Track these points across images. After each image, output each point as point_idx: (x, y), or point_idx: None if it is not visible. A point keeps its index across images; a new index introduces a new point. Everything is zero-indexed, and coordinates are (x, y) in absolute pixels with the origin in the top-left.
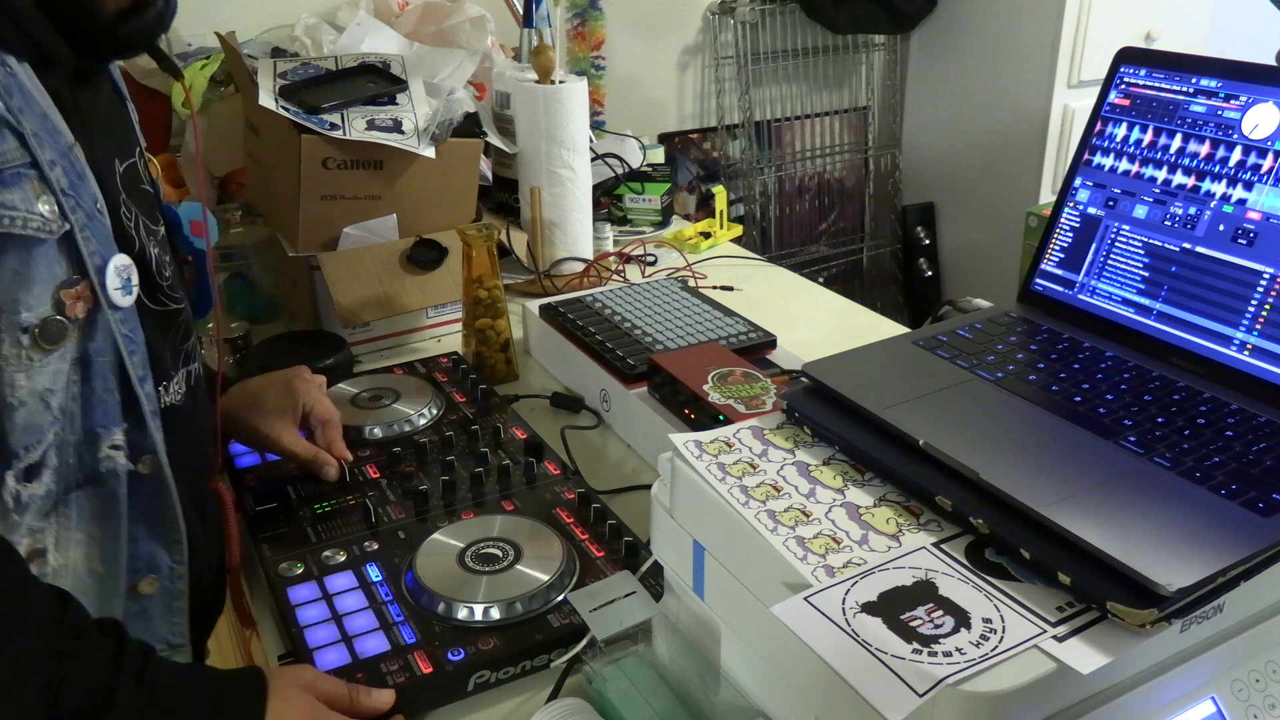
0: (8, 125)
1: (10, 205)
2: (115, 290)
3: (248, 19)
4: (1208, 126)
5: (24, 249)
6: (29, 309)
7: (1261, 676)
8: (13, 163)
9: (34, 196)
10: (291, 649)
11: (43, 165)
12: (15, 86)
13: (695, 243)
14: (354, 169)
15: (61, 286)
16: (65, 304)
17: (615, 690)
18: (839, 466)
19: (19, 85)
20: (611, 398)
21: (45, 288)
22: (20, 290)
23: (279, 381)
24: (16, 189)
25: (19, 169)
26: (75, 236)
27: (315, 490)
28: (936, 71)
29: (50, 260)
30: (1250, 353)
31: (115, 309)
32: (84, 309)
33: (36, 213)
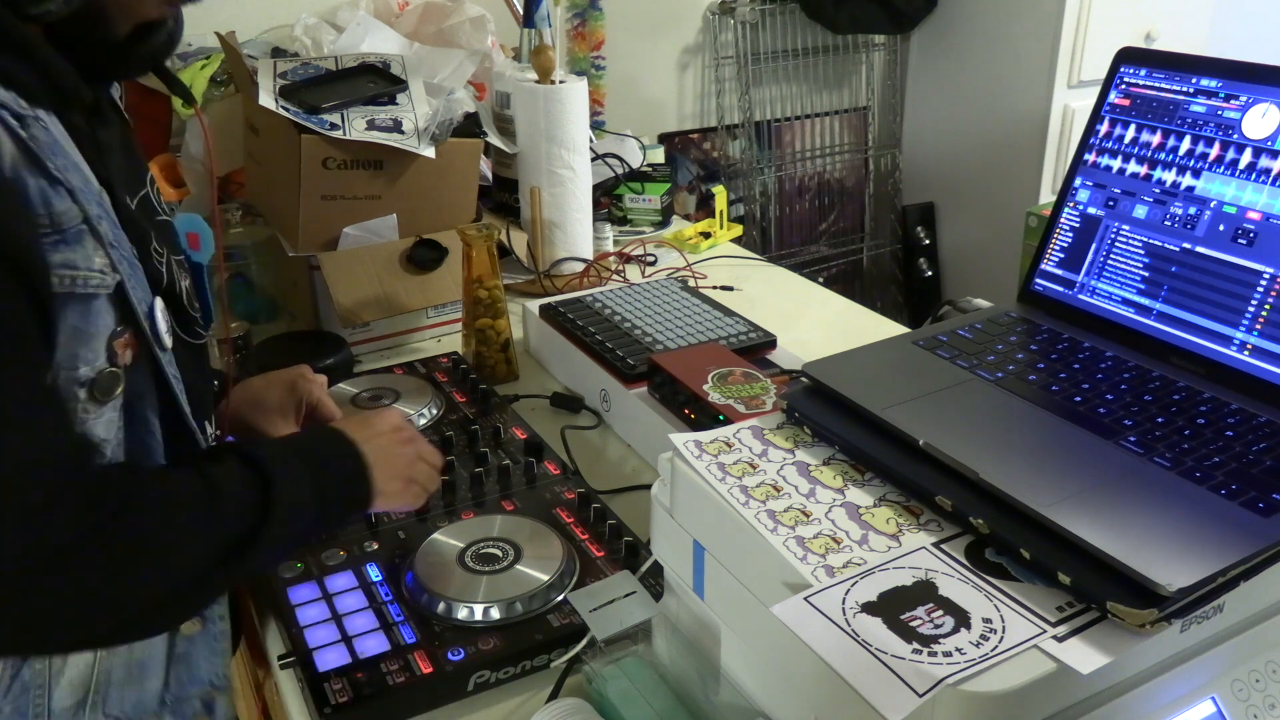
0: (60, 183)
1: (74, 264)
2: (164, 334)
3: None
4: (1208, 126)
5: (84, 306)
6: (87, 364)
7: (1261, 676)
8: (73, 222)
9: (93, 252)
10: (291, 649)
11: (92, 220)
12: (53, 141)
13: (695, 243)
14: (354, 169)
15: (113, 337)
16: (117, 354)
17: (615, 690)
18: (839, 466)
19: (53, 139)
20: (611, 398)
21: (100, 341)
22: (79, 347)
23: (281, 381)
24: (79, 248)
25: (77, 227)
26: (125, 286)
27: None
28: (936, 71)
29: (104, 313)
30: (1250, 353)
31: (164, 351)
32: (131, 356)
33: (95, 269)
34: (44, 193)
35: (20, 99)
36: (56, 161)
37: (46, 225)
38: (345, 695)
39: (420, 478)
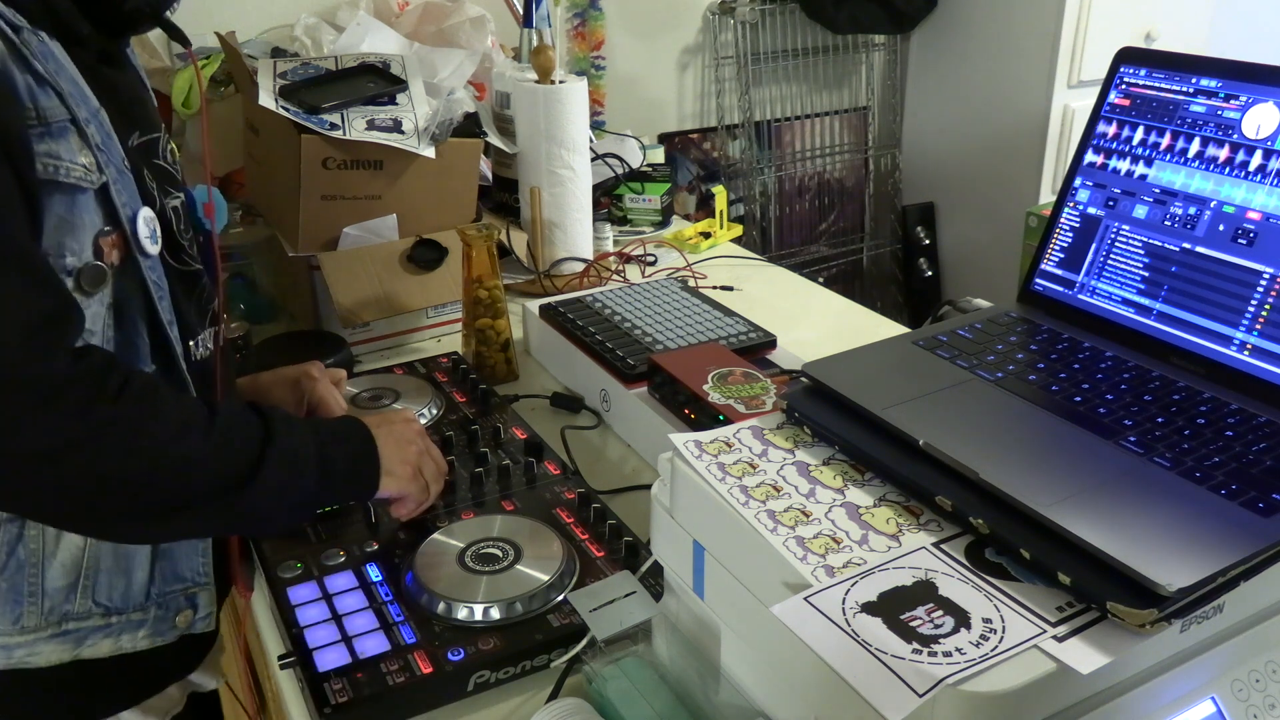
0: (47, 83)
1: (57, 155)
2: (145, 239)
3: (248, 19)
4: (1208, 126)
5: (69, 197)
6: (73, 254)
7: (1261, 676)
8: (58, 117)
9: (76, 149)
10: (291, 649)
11: (80, 121)
12: (49, 53)
13: (695, 243)
14: (354, 169)
15: (99, 234)
16: (103, 250)
17: (615, 690)
18: (839, 466)
19: (51, 53)
20: (611, 398)
21: (86, 235)
22: (65, 236)
23: (287, 379)
24: (63, 141)
25: (63, 123)
26: (109, 188)
27: None
28: (936, 71)
29: (90, 209)
30: (1250, 353)
31: (145, 256)
32: (118, 256)
33: (79, 164)
34: (30, 89)
35: (19, 15)
36: (48, 65)
37: (33, 117)
38: (345, 695)
39: (427, 472)
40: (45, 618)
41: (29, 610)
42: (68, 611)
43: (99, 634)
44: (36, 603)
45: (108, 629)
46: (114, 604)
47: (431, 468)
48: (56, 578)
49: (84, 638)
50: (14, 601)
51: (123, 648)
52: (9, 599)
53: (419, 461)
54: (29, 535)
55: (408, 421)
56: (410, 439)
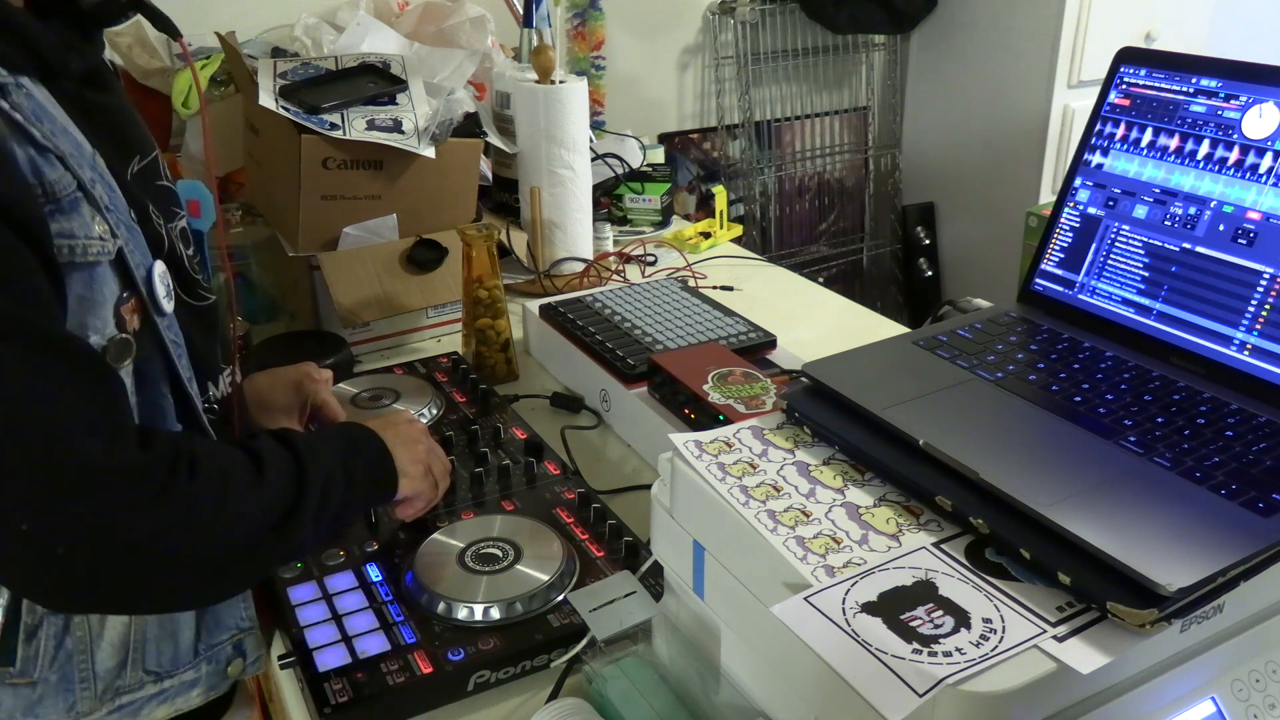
0: (49, 150)
1: (72, 233)
2: (162, 298)
3: (248, 19)
4: (1208, 126)
5: (87, 274)
6: (97, 331)
7: (1261, 676)
8: (67, 190)
9: (90, 220)
10: (292, 649)
11: (86, 186)
12: (38, 108)
13: (695, 243)
14: (354, 169)
15: (119, 303)
16: (124, 320)
17: (615, 690)
18: (839, 466)
19: (39, 105)
20: (611, 398)
21: (107, 308)
22: (87, 315)
23: (286, 380)
24: (76, 216)
25: (72, 195)
26: (124, 252)
27: None
28: (936, 71)
29: (108, 280)
30: (1250, 353)
31: (162, 315)
32: (138, 321)
33: (95, 236)
34: (33, 162)
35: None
36: (43, 128)
37: (41, 195)
38: (345, 695)
39: (435, 469)
40: (99, 699)
41: (82, 696)
42: (120, 687)
43: (154, 701)
44: (90, 687)
45: (162, 695)
46: (164, 668)
47: (439, 465)
48: (106, 659)
49: (139, 709)
50: (66, 691)
51: (179, 709)
52: (60, 690)
53: (428, 460)
54: (75, 623)
55: (410, 422)
56: (416, 438)
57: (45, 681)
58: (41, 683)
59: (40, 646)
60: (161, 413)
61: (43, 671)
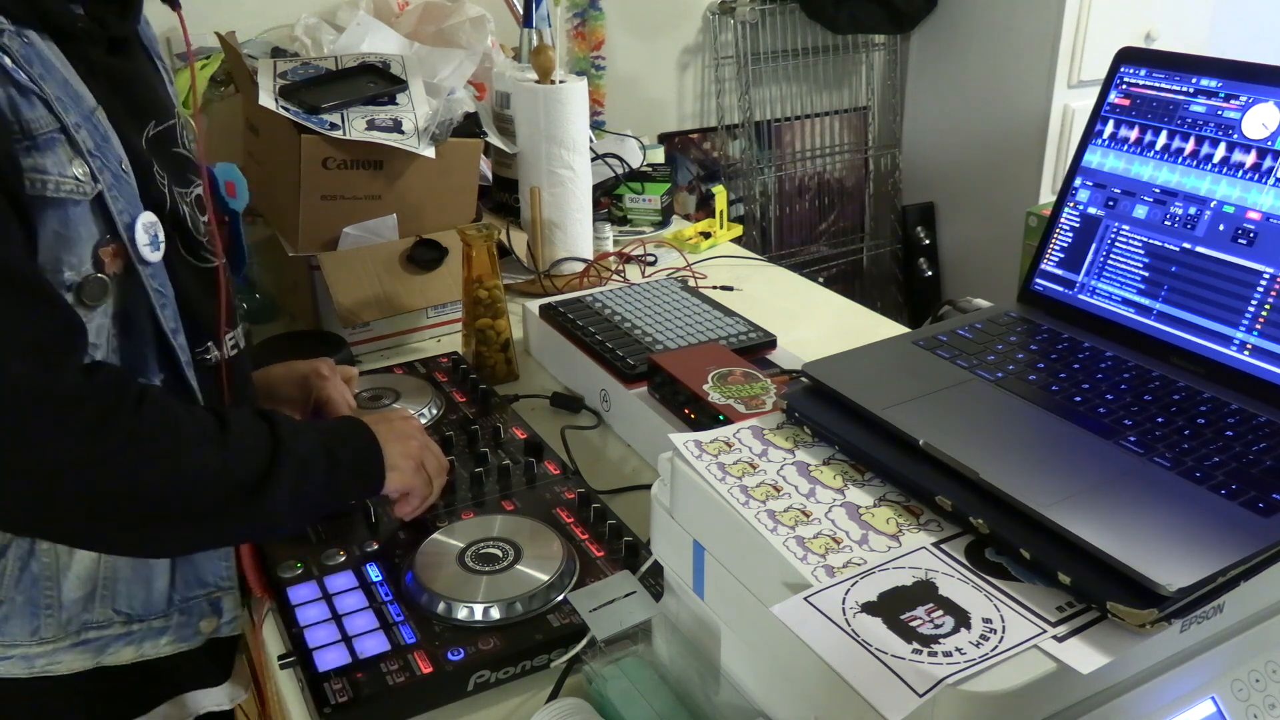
0: (33, 93)
1: (45, 169)
2: (144, 246)
3: (248, 19)
4: (1208, 126)
5: (62, 211)
6: (71, 268)
7: (1261, 676)
8: (45, 129)
9: (66, 160)
10: (292, 649)
11: (69, 129)
12: (34, 55)
13: (695, 243)
14: (354, 169)
15: (99, 245)
16: (104, 262)
17: (615, 690)
18: (839, 466)
19: (37, 54)
20: (611, 398)
21: (84, 247)
22: (62, 251)
23: (296, 375)
24: (50, 154)
25: (50, 134)
26: (105, 197)
27: None
28: (936, 71)
29: (86, 221)
30: (1250, 353)
31: (145, 264)
32: (120, 266)
33: (70, 175)
34: (12, 101)
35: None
36: (32, 71)
37: (16, 131)
38: (345, 695)
39: (430, 467)
40: (64, 628)
41: (46, 621)
42: (87, 621)
43: (120, 641)
44: (54, 614)
45: (129, 636)
46: (135, 612)
47: (434, 462)
48: (73, 589)
49: (105, 645)
50: (30, 614)
51: (145, 654)
52: (25, 612)
53: (421, 456)
54: (41, 550)
55: (405, 419)
56: (410, 434)
57: (11, 601)
58: (8, 602)
59: (7, 566)
60: (144, 360)
61: (8, 591)
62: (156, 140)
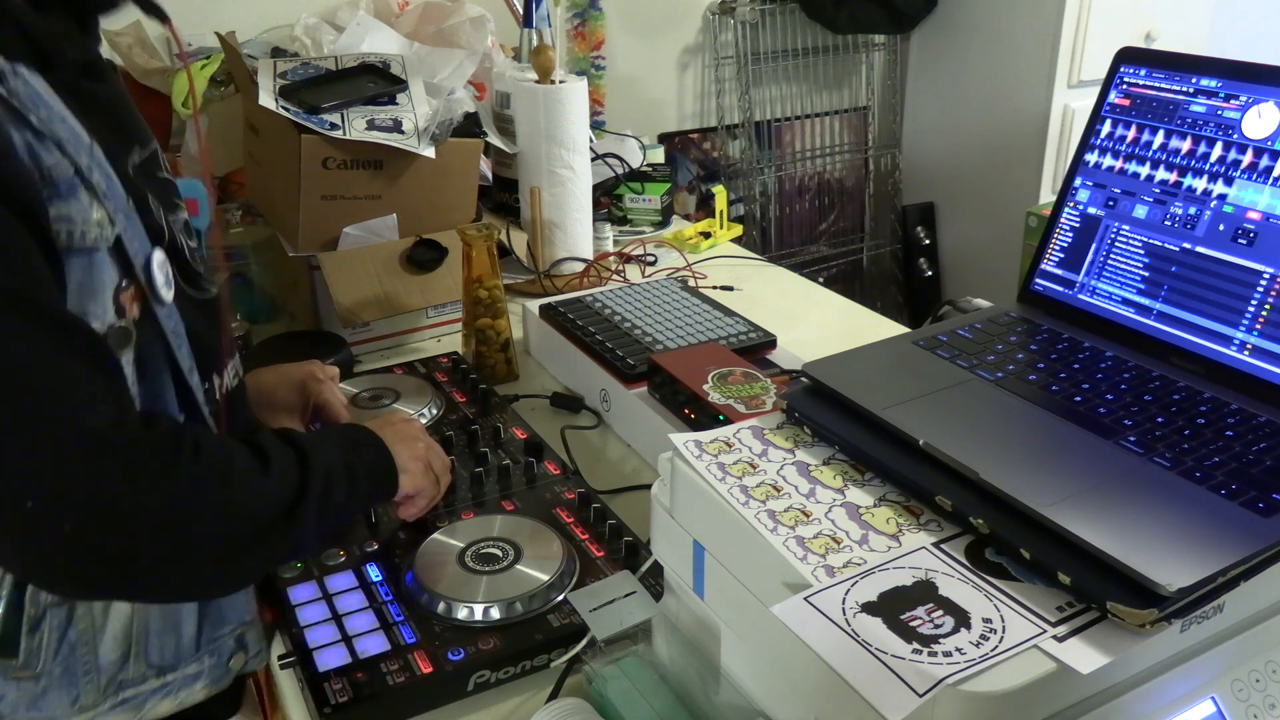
0: (46, 137)
1: (70, 218)
2: (161, 286)
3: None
4: (1208, 126)
5: (86, 259)
6: (97, 319)
7: (1261, 676)
8: (64, 175)
9: (88, 206)
10: (292, 649)
11: (84, 171)
12: (36, 96)
13: (695, 243)
14: (354, 169)
15: (118, 291)
16: (124, 308)
17: (615, 690)
18: (839, 466)
19: (38, 95)
20: (611, 398)
21: (106, 294)
22: (87, 302)
23: (291, 378)
24: (74, 200)
25: (70, 180)
26: (123, 239)
27: None
28: (936, 71)
29: (107, 266)
30: (1250, 353)
31: (161, 304)
32: (138, 309)
33: (93, 222)
34: (31, 147)
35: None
36: (40, 114)
37: (38, 180)
38: (345, 695)
39: (436, 466)
40: (102, 692)
41: (86, 689)
42: (123, 680)
43: (157, 695)
44: (93, 680)
45: (165, 688)
46: (166, 662)
47: (439, 462)
48: (109, 651)
49: (143, 702)
50: (69, 685)
51: (184, 703)
52: (63, 683)
53: (428, 457)
54: (78, 615)
55: (407, 421)
56: (415, 435)
57: (49, 674)
58: (45, 675)
59: (44, 639)
60: (163, 403)
61: (46, 664)
62: (143, 168)
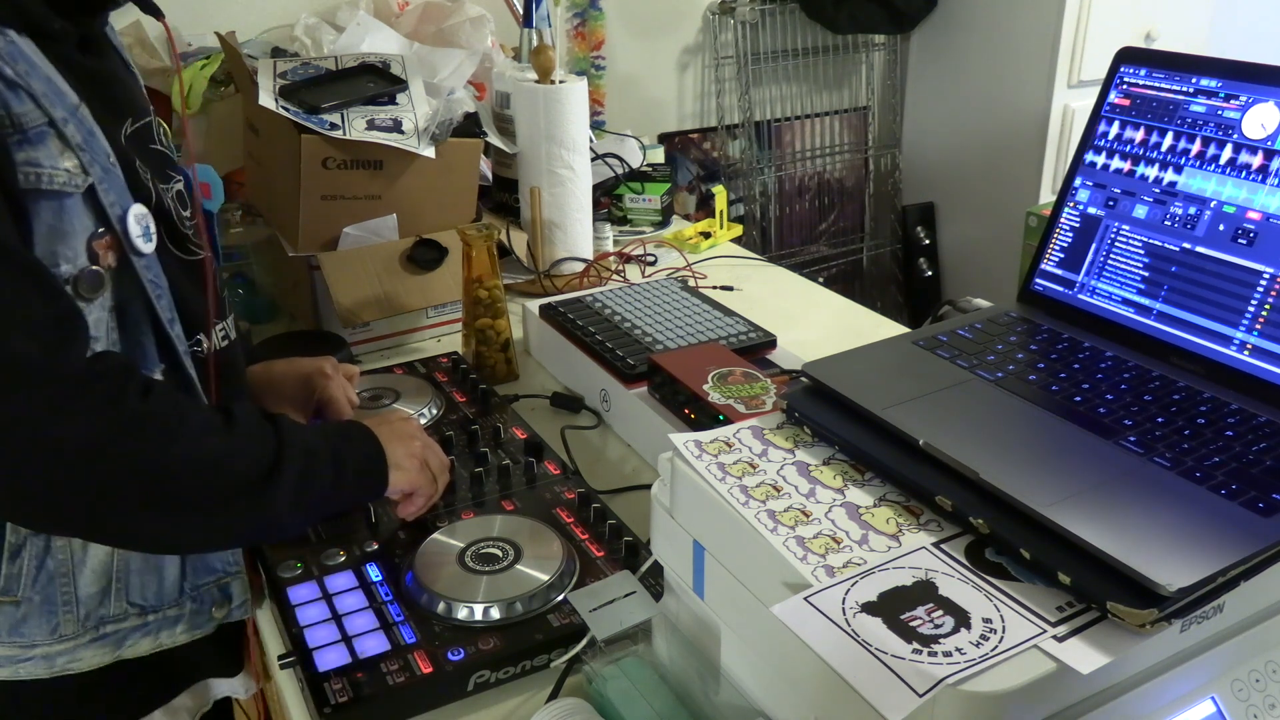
0: (19, 87)
1: (38, 162)
2: (137, 238)
3: (248, 19)
4: (1208, 126)
5: (56, 204)
6: (67, 261)
7: (1261, 676)
8: (34, 122)
9: (57, 153)
10: (291, 649)
11: (58, 123)
12: (17, 53)
13: (695, 243)
14: (354, 169)
15: (92, 238)
16: (98, 254)
17: (615, 690)
18: (839, 466)
19: (20, 52)
20: (611, 398)
21: (79, 240)
22: (57, 244)
23: (300, 373)
24: (42, 147)
25: (40, 128)
26: (96, 189)
27: None
28: (936, 71)
29: (80, 214)
30: (1250, 353)
31: (139, 255)
32: (114, 258)
33: (62, 168)
34: (1, 95)
35: None
36: (17, 68)
37: (7, 125)
38: (345, 695)
39: (432, 465)
40: (82, 624)
41: (65, 619)
42: (103, 615)
43: (138, 633)
44: (72, 611)
45: (145, 627)
46: (149, 603)
47: (436, 461)
48: (89, 584)
49: (123, 638)
50: (49, 613)
51: (162, 644)
52: (43, 611)
53: (424, 456)
54: (56, 546)
55: (405, 420)
56: (411, 434)
57: (29, 601)
58: (25, 602)
59: (24, 565)
60: (143, 352)
61: (26, 590)
62: (135, 137)
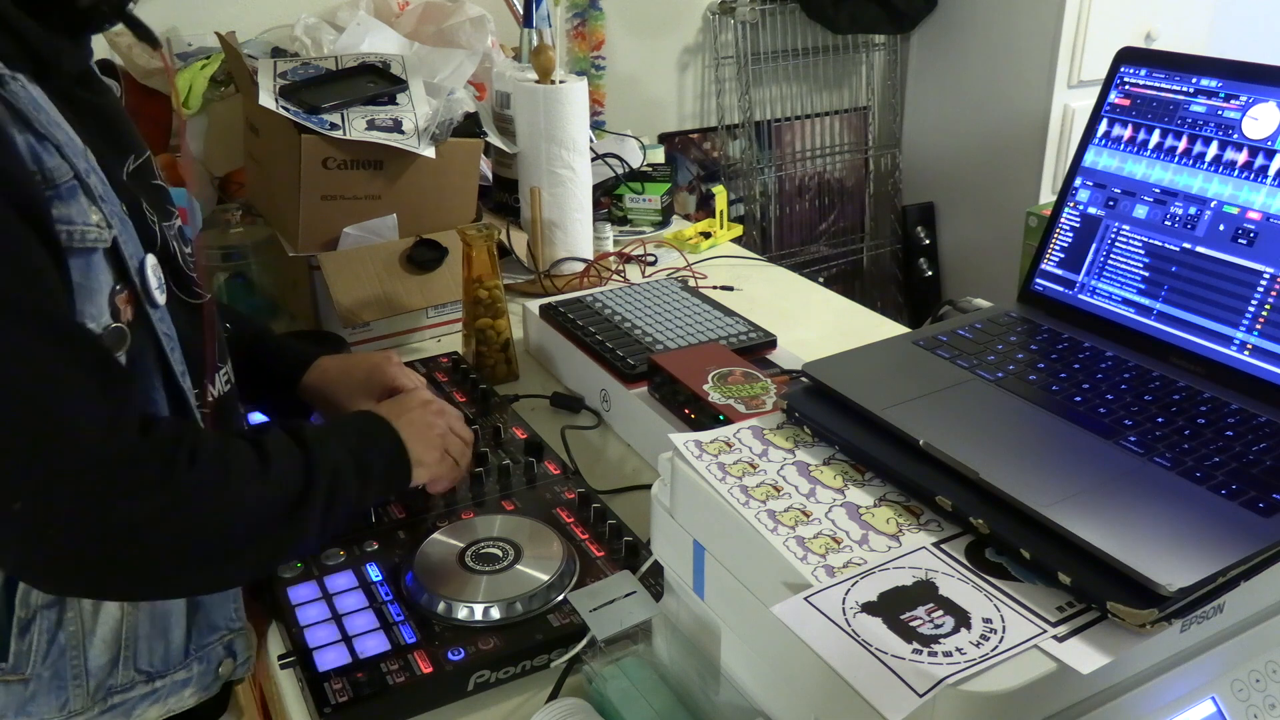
0: (47, 140)
1: (70, 219)
2: (154, 290)
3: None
4: (1208, 126)
5: (84, 261)
6: (94, 319)
7: (1261, 676)
8: (64, 177)
9: (86, 208)
10: (291, 649)
11: (82, 175)
12: (33, 101)
13: (695, 243)
14: (354, 169)
15: (113, 293)
16: (119, 309)
17: (615, 690)
18: (839, 466)
19: (35, 100)
20: (611, 398)
21: (102, 297)
22: (85, 303)
23: (368, 362)
24: (74, 203)
25: (69, 183)
26: (119, 242)
27: None
28: (936, 71)
29: (103, 269)
30: (1250, 353)
31: (154, 308)
32: (132, 312)
33: (92, 224)
34: (33, 149)
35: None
36: (40, 118)
37: (41, 181)
38: (345, 695)
39: (454, 450)
40: (91, 697)
41: (75, 693)
42: (112, 685)
43: (146, 701)
44: (82, 684)
45: (154, 695)
46: (155, 668)
47: (456, 444)
48: (99, 655)
49: (131, 708)
50: (58, 689)
51: (171, 710)
52: (52, 687)
53: (444, 443)
54: (68, 618)
55: (424, 404)
56: (430, 423)
57: (38, 678)
58: (34, 679)
59: (33, 642)
60: (154, 405)
61: (35, 668)
62: (137, 174)
